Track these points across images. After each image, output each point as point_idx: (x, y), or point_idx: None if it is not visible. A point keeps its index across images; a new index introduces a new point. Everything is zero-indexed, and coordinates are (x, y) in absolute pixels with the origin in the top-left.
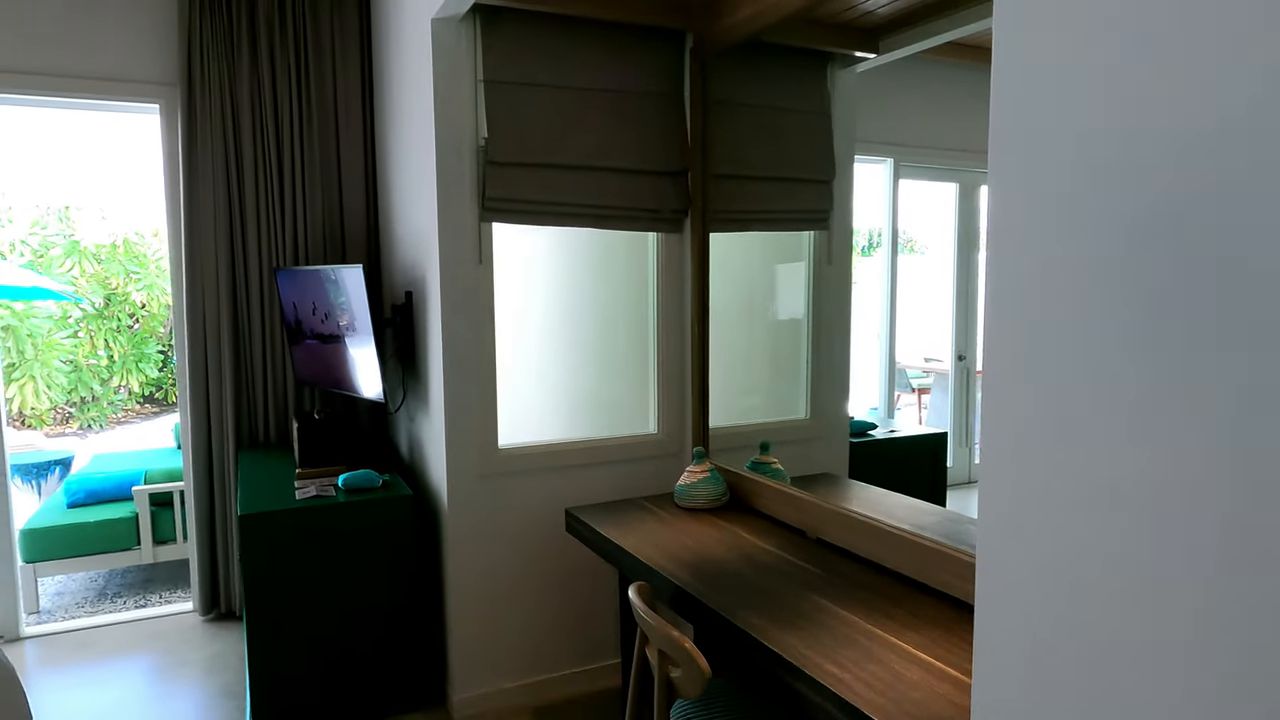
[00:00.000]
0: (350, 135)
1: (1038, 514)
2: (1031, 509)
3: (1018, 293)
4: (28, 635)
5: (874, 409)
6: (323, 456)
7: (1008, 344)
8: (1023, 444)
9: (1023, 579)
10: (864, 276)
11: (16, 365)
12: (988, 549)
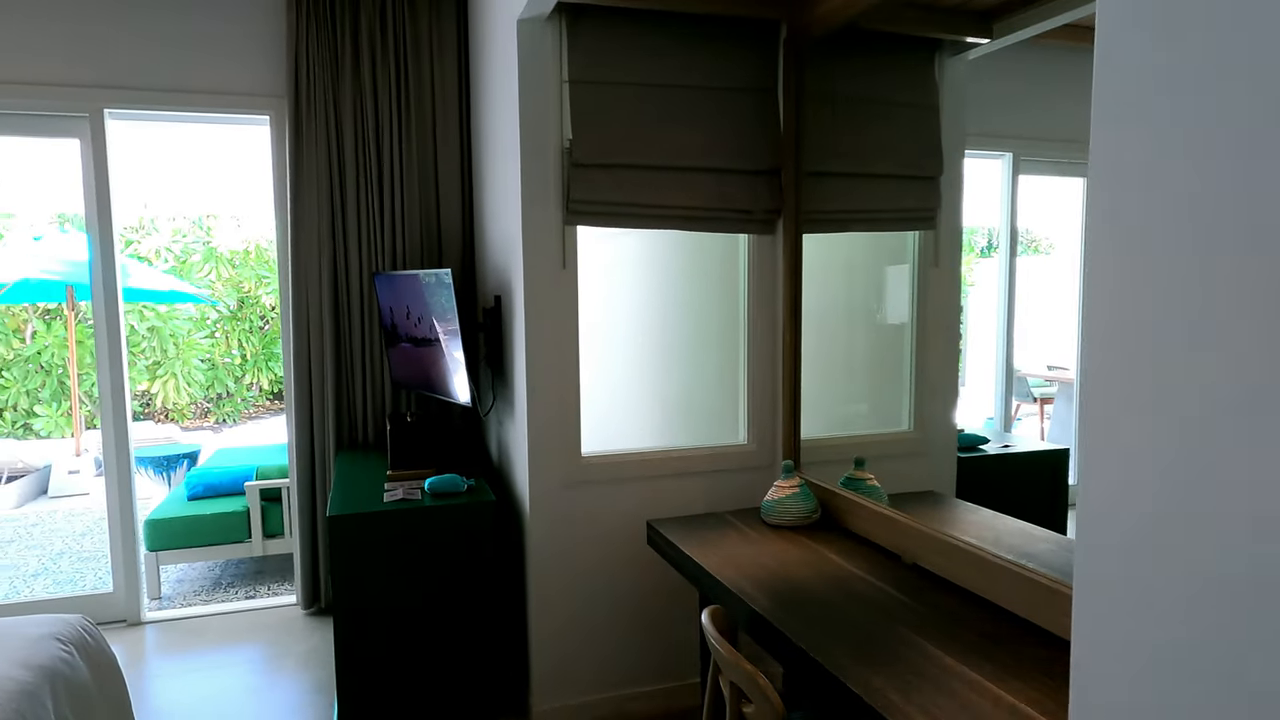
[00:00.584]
0: (447, 141)
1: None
2: (1141, 558)
3: (1137, 301)
4: (149, 620)
5: (989, 420)
6: (413, 459)
7: (1116, 364)
8: (1133, 477)
9: (1127, 633)
10: (982, 278)
11: (160, 363)
12: (1087, 592)
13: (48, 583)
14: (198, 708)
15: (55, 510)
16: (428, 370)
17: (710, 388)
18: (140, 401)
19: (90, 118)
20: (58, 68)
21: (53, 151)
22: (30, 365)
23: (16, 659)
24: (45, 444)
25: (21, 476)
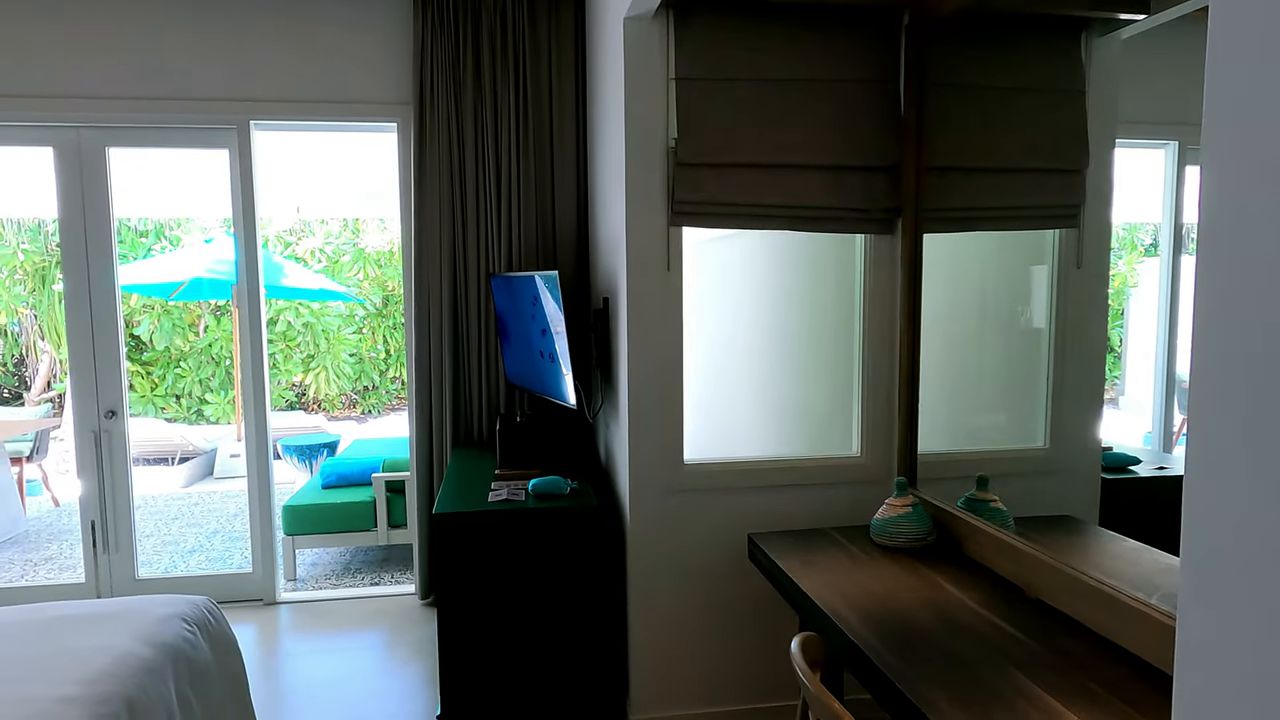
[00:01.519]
0: (563, 144)
1: None
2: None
3: None
4: (283, 600)
5: (1147, 435)
6: (521, 459)
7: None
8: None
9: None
10: (1144, 280)
11: (312, 356)
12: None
13: (201, 559)
14: (318, 688)
15: (216, 491)
16: (538, 371)
17: (822, 396)
18: (295, 392)
19: (238, 129)
20: (209, 84)
21: (221, 160)
22: (203, 356)
23: (143, 636)
24: (214, 429)
25: (192, 458)
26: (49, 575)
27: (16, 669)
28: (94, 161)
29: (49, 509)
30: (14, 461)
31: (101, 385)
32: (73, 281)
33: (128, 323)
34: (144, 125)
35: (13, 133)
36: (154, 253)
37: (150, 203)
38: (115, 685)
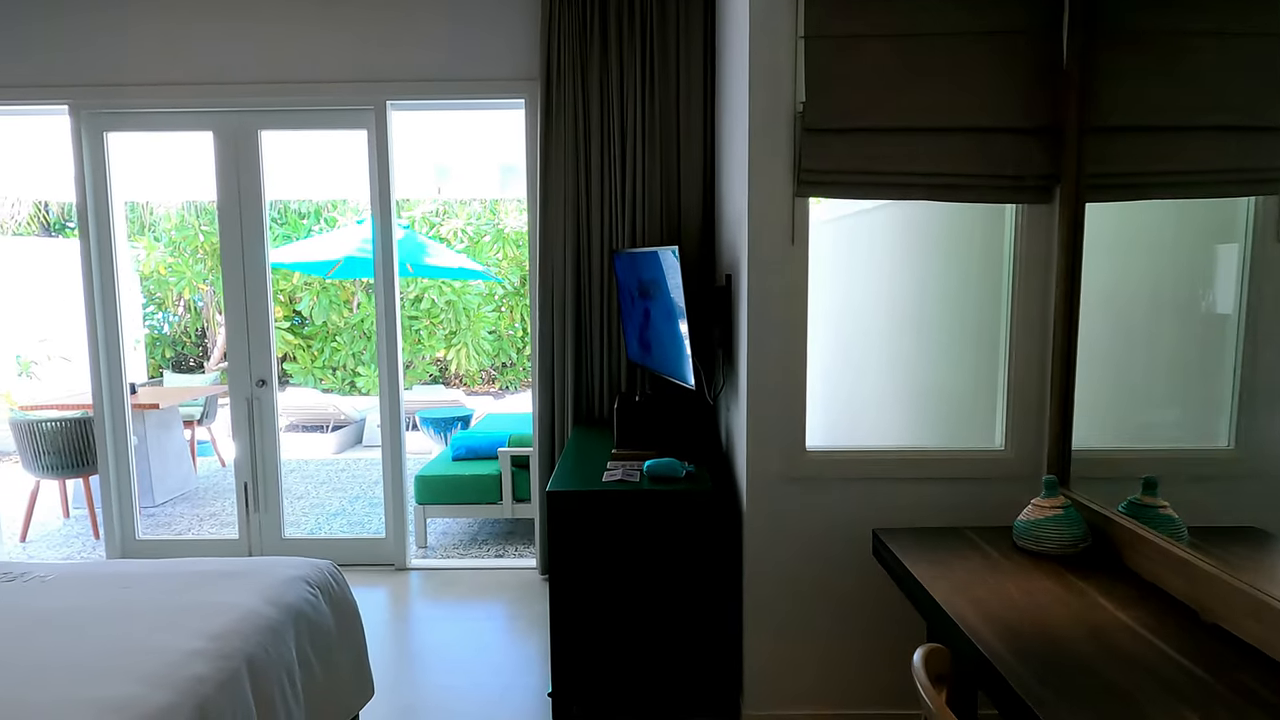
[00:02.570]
0: (690, 115)
1: None
2: None
3: None
4: (413, 567)
5: None
6: (638, 440)
7: None
8: None
9: None
10: None
11: (454, 333)
12: None
13: (343, 522)
14: (437, 654)
15: (362, 459)
16: (659, 350)
17: (962, 382)
18: (438, 367)
19: (375, 110)
20: (348, 66)
21: (364, 142)
22: (355, 331)
23: (268, 596)
24: (364, 400)
25: (343, 427)
26: (211, 530)
27: (155, 619)
28: (248, 144)
29: (216, 469)
30: (186, 424)
31: (253, 356)
32: (229, 259)
33: (291, 299)
34: (290, 108)
35: (179, 118)
36: (313, 233)
37: (310, 186)
38: (238, 642)
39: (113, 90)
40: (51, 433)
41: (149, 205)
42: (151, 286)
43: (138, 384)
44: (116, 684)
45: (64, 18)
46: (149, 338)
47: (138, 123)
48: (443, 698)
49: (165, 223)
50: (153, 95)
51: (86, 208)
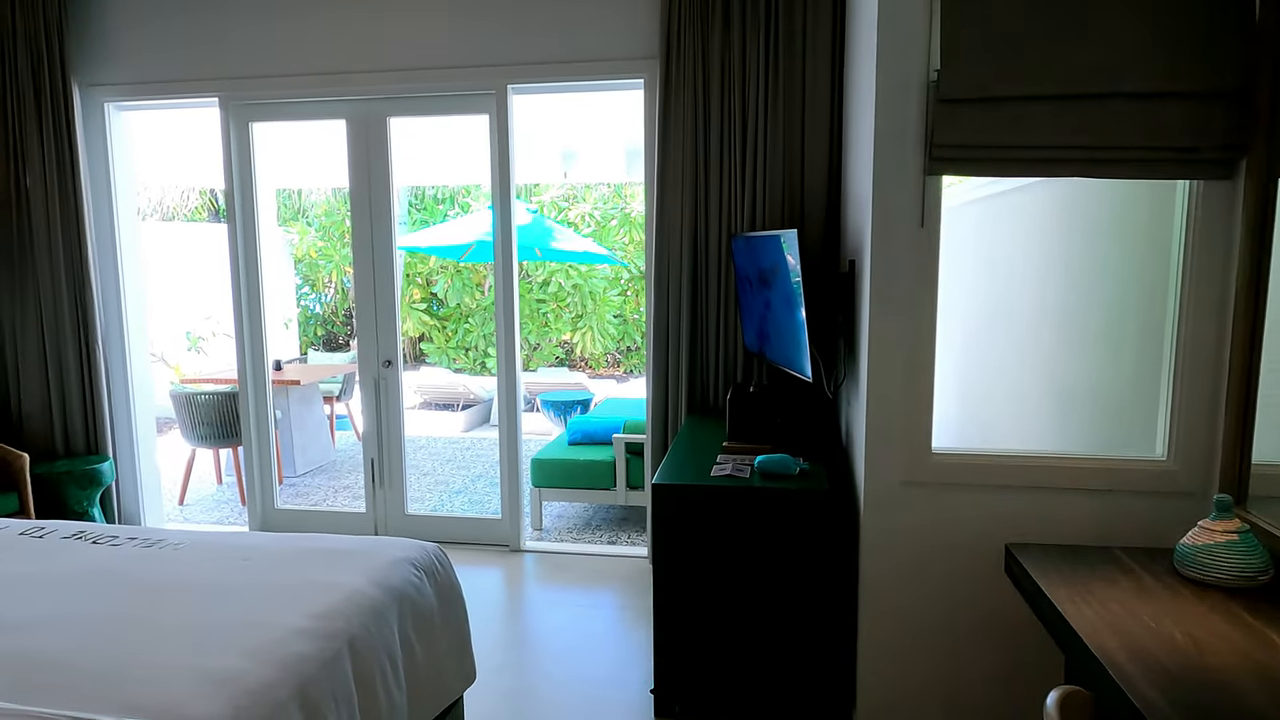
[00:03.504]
0: (816, 91)
1: None
2: None
3: None
4: (527, 549)
5: None
6: (750, 433)
7: None
8: None
9: None
10: None
11: (580, 316)
12: None
13: (464, 501)
14: (544, 638)
15: (487, 438)
16: (776, 339)
17: (1118, 382)
18: (564, 350)
19: (496, 94)
20: (471, 51)
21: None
22: (487, 313)
23: (373, 577)
24: (494, 380)
25: (473, 406)
26: (343, 503)
27: (265, 593)
28: (377, 131)
29: (353, 443)
30: (326, 400)
31: (381, 338)
32: (359, 244)
33: (428, 281)
34: (415, 95)
35: (314, 107)
36: (448, 218)
37: (445, 171)
38: (341, 623)
39: (256, 82)
40: (205, 405)
41: (300, 192)
42: (305, 269)
43: (284, 361)
44: (222, 655)
45: (214, 17)
46: (301, 317)
47: (278, 112)
48: (546, 685)
49: (316, 209)
50: (291, 86)
51: (234, 195)
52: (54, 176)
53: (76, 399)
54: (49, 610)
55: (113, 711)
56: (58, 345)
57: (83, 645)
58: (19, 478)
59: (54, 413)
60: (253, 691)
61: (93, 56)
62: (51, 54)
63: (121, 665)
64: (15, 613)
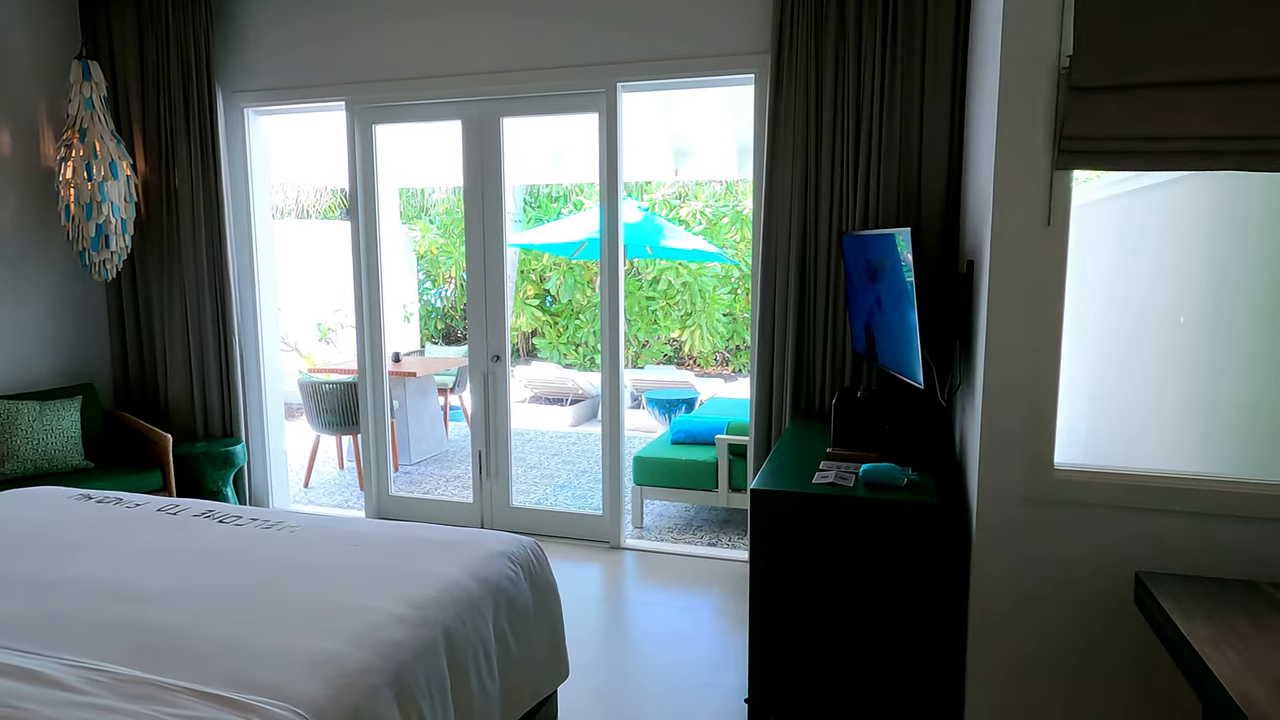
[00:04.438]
0: (937, 86)
1: None
2: None
3: None
4: (627, 546)
5: None
6: (856, 440)
7: None
8: None
9: None
10: None
11: (689, 314)
12: None
13: (567, 495)
14: (639, 638)
15: (594, 434)
16: (886, 343)
17: (1272, 396)
18: (672, 347)
19: (605, 92)
20: (580, 50)
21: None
22: (597, 310)
23: (470, 569)
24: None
25: (581, 401)
26: (453, 492)
27: (368, 580)
28: (491, 131)
29: (465, 434)
30: (440, 392)
31: (490, 333)
32: (471, 241)
33: (541, 278)
34: (527, 95)
35: (432, 109)
36: (562, 215)
37: (560, 170)
38: (437, 612)
39: (379, 86)
40: (329, 393)
41: (423, 191)
42: (427, 265)
43: (402, 353)
44: (325, 639)
45: (342, 26)
46: (422, 311)
47: (399, 114)
48: (639, 686)
49: (438, 207)
50: (410, 89)
51: (357, 193)
52: (199, 177)
53: (215, 385)
54: (175, 584)
55: (222, 685)
56: (199, 335)
57: (201, 619)
58: (163, 457)
59: (195, 397)
60: (350, 675)
61: (235, 65)
62: (200, 64)
63: (234, 641)
64: (147, 584)
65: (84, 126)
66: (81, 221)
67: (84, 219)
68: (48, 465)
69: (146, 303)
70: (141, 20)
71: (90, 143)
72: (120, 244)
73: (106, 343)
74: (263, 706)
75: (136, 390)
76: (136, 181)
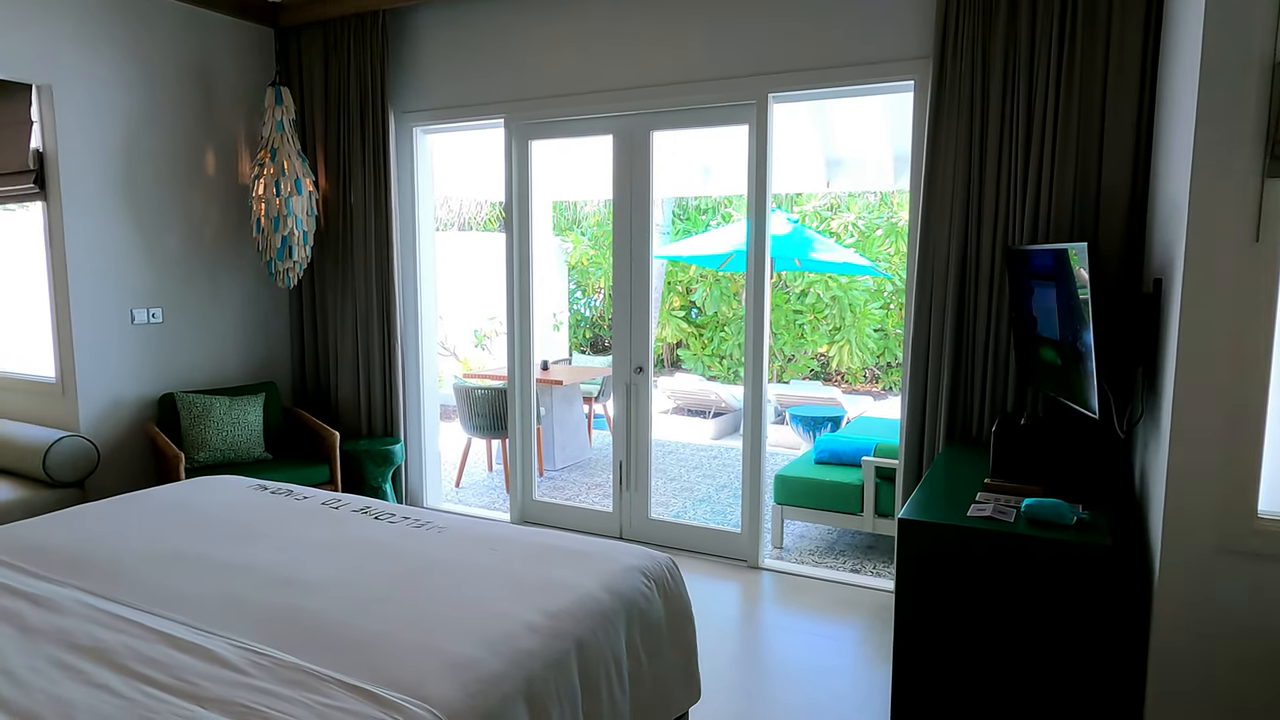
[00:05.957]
0: (1121, 87)
1: None
2: None
3: None
4: (766, 567)
5: None
6: (1018, 471)
7: None
8: None
9: None
10: None
11: (838, 329)
12: None
13: (706, 510)
14: (779, 665)
15: (735, 448)
16: (1055, 367)
17: None
18: (819, 362)
19: (756, 104)
20: (730, 62)
21: (746, 138)
22: (742, 322)
23: (605, 582)
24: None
25: (724, 414)
26: (594, 500)
27: (505, 586)
28: (641, 145)
29: (607, 443)
30: (585, 400)
31: (634, 344)
32: (619, 253)
33: (688, 290)
34: (677, 108)
35: (586, 124)
36: (710, 228)
37: (709, 183)
38: (570, 624)
39: (535, 103)
40: (480, 398)
41: (575, 204)
42: (577, 275)
43: (551, 361)
44: (463, 642)
45: (502, 48)
46: (572, 320)
47: (554, 130)
48: (774, 714)
49: (589, 219)
50: (565, 105)
51: (512, 206)
52: (371, 192)
53: (378, 387)
54: (332, 575)
55: (367, 678)
56: (366, 339)
57: (353, 612)
58: (331, 453)
59: (360, 398)
60: (485, 681)
61: (405, 88)
62: (375, 88)
63: (380, 636)
64: (307, 574)
65: (275, 146)
66: (270, 233)
67: (272, 231)
68: (234, 455)
69: (322, 309)
70: (327, 49)
71: (280, 161)
72: (302, 254)
73: (287, 345)
74: (404, 704)
75: (311, 389)
76: (318, 197)
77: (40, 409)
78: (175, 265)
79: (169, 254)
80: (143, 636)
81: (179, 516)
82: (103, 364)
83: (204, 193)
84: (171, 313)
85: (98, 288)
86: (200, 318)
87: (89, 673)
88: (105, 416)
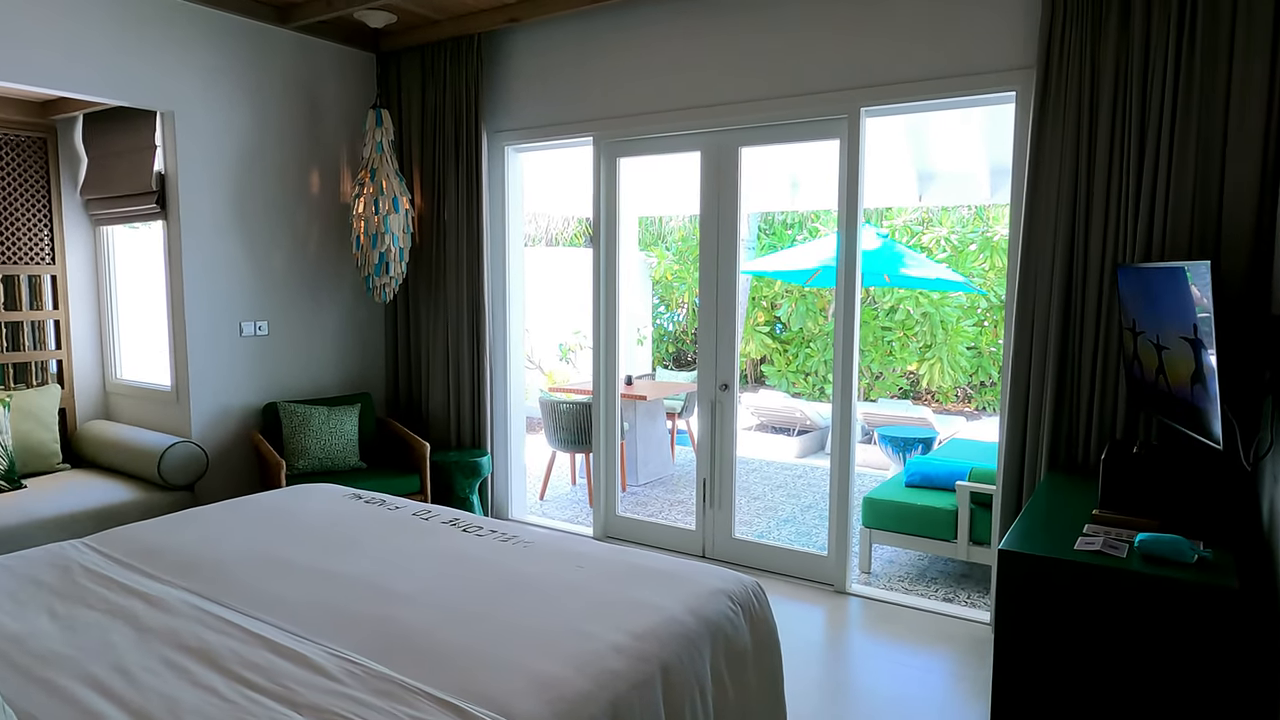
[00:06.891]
0: (1248, 93)
1: None
2: None
3: None
4: (853, 592)
5: None
6: (1130, 503)
7: None
8: None
9: None
10: None
11: (929, 347)
12: None
13: (791, 530)
14: (866, 696)
15: (820, 467)
16: (1171, 392)
17: None
18: (908, 381)
19: (848, 118)
20: (822, 77)
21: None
22: (828, 338)
23: (688, 605)
24: (830, 407)
25: (809, 432)
26: (676, 516)
27: (590, 604)
28: (729, 161)
29: (690, 459)
30: (668, 416)
31: (719, 361)
32: (705, 269)
33: (773, 305)
34: (767, 124)
35: (673, 141)
36: (796, 242)
37: (796, 197)
38: (656, 646)
39: (623, 121)
40: (565, 413)
41: (660, 219)
42: (661, 290)
43: (634, 376)
44: (549, 659)
45: (591, 68)
46: (655, 334)
47: (642, 148)
48: None
49: (674, 235)
50: (653, 123)
51: (600, 222)
52: (464, 210)
53: (467, 399)
54: (422, 586)
55: (454, 692)
56: (456, 352)
57: (441, 624)
58: (421, 464)
59: (450, 410)
60: (569, 700)
61: (498, 108)
62: (470, 109)
63: (467, 649)
64: (398, 585)
65: (374, 167)
66: (368, 250)
67: (370, 248)
68: (330, 464)
69: (415, 323)
70: (424, 73)
71: (379, 181)
72: (397, 270)
73: (381, 357)
74: None
75: (404, 401)
76: (413, 215)
77: (158, 416)
78: (281, 280)
79: (275, 269)
80: (244, 639)
81: (279, 523)
82: (213, 374)
83: (308, 211)
84: (276, 325)
85: (211, 301)
86: (302, 331)
87: (195, 673)
88: (214, 423)
